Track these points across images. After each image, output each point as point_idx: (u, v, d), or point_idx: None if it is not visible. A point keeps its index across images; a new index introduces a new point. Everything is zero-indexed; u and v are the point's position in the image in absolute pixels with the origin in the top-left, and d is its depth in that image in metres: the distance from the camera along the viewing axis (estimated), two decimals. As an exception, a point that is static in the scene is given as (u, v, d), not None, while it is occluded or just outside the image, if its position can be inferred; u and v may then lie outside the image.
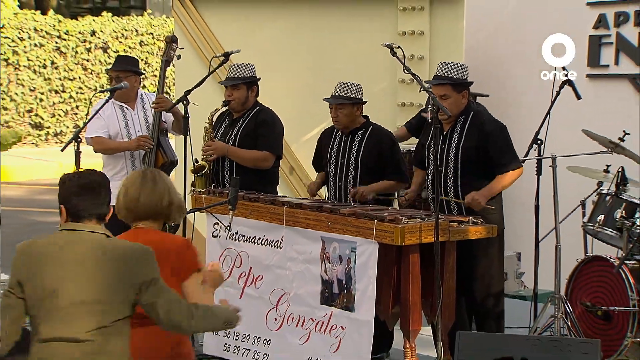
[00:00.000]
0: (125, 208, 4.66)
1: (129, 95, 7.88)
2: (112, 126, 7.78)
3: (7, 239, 4.25)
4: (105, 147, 7.79)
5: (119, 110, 7.84)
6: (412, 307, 6.14)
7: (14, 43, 21.97)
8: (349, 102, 6.94)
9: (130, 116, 7.86)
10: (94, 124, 7.80)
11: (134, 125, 7.84)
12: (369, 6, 9.33)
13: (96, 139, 7.78)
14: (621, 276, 6.76)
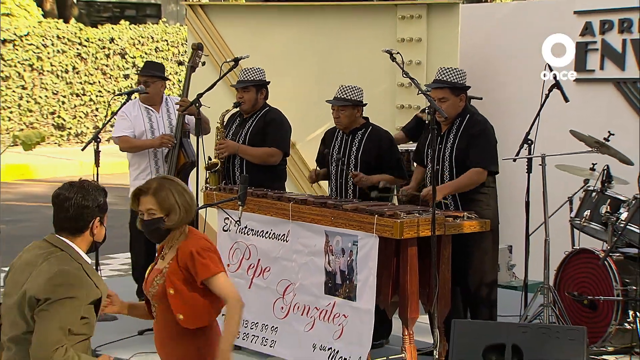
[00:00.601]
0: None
1: (155, 98, 7.94)
2: (138, 127, 7.82)
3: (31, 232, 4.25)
4: (130, 145, 7.83)
5: (145, 112, 7.88)
6: (410, 297, 6.14)
7: (38, 50, 22.00)
8: (349, 104, 6.96)
9: (155, 118, 7.88)
10: (120, 124, 7.84)
11: (158, 127, 7.87)
12: (370, 15, 9.35)
13: (122, 138, 7.82)
14: (606, 268, 6.77)
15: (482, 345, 5.50)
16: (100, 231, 4.24)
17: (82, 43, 22.63)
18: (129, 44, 23.34)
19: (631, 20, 8.44)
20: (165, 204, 4.33)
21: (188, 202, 4.39)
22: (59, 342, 3.98)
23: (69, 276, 4.04)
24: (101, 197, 4.22)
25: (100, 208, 4.21)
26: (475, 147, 6.49)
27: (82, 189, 4.19)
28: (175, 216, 4.34)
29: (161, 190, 4.36)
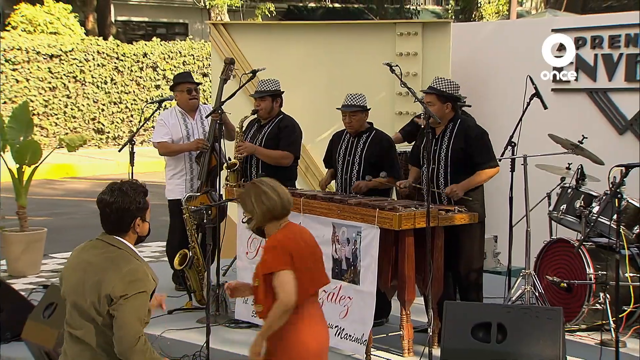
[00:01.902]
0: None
1: (192, 105, 7.87)
2: (175, 133, 7.79)
3: (74, 223, 4.23)
4: (169, 150, 7.79)
5: (182, 119, 7.84)
6: (407, 281, 6.15)
7: (81, 63, 22.06)
8: (359, 109, 6.93)
9: (190, 125, 7.85)
10: (159, 131, 7.82)
11: (193, 133, 7.82)
12: (372, 32, 9.37)
13: (161, 144, 7.78)
14: (580, 255, 6.75)
15: (471, 324, 5.50)
16: (143, 227, 4.24)
17: (119, 57, 22.70)
18: (159, 58, 23.38)
19: (602, 37, 8.45)
20: (247, 208, 4.39)
21: (266, 204, 4.34)
22: (139, 332, 4.01)
23: (138, 272, 4.07)
24: (140, 198, 4.19)
25: (139, 209, 4.18)
26: (477, 149, 6.47)
27: (121, 193, 4.16)
28: (254, 219, 4.37)
29: (243, 196, 4.43)
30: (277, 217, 4.39)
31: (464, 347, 5.43)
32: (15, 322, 6.94)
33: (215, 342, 6.20)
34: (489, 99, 8.86)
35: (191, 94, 7.86)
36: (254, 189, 4.41)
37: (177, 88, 7.90)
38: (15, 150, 9.77)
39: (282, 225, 4.42)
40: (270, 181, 4.50)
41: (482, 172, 6.45)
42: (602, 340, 6.34)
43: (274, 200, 4.37)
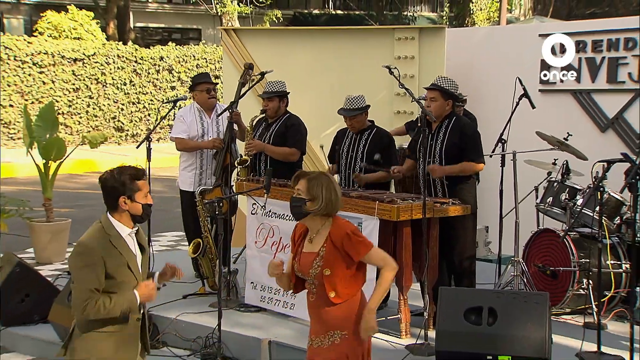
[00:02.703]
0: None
1: (210, 104, 7.85)
2: (192, 130, 7.75)
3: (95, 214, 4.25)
4: (186, 146, 7.76)
5: (199, 117, 7.79)
6: (405, 268, 6.14)
7: (102, 66, 22.08)
8: (359, 112, 6.93)
9: (206, 123, 7.81)
10: (178, 127, 7.79)
11: (208, 131, 7.79)
12: (373, 37, 9.32)
13: (179, 139, 7.76)
14: (565, 244, 6.74)
15: (464, 308, 5.48)
16: (132, 206, 4.14)
17: (137, 61, 22.71)
18: (175, 61, 23.39)
19: (585, 42, 8.43)
20: (312, 191, 4.28)
21: (332, 199, 4.30)
22: (85, 300, 3.97)
23: (80, 246, 4.05)
24: (125, 179, 4.13)
25: (124, 188, 4.11)
26: (469, 145, 6.46)
27: (110, 174, 4.16)
28: (315, 204, 4.28)
29: (315, 179, 4.32)
30: (329, 212, 4.33)
31: (458, 329, 5.42)
32: (42, 306, 6.96)
33: (226, 325, 6.19)
34: (481, 99, 8.84)
35: (210, 93, 7.84)
36: (327, 179, 4.36)
37: (197, 88, 7.87)
38: (42, 147, 9.79)
39: (329, 220, 4.35)
40: (335, 179, 4.51)
41: (468, 164, 6.43)
42: (585, 323, 6.33)
43: (337, 198, 4.34)
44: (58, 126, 10.52)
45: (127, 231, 4.16)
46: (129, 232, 4.17)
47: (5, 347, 7.07)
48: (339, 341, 4.30)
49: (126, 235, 4.15)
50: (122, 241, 4.11)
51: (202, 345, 6.30)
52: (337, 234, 4.26)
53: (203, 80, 7.89)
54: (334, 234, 4.27)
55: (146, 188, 4.20)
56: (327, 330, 4.33)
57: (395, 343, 6.10)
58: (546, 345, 5.28)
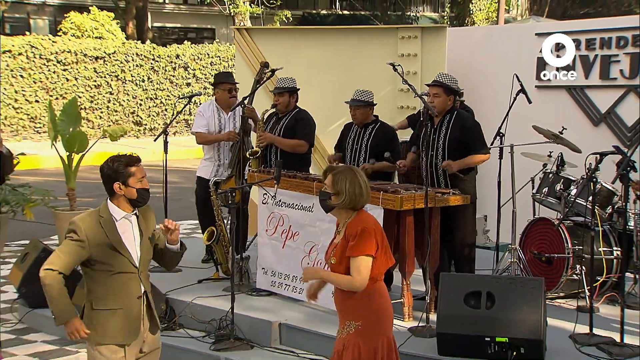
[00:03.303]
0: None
1: (232, 103, 7.85)
2: (211, 124, 7.78)
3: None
4: (205, 139, 7.80)
5: (217, 113, 7.81)
6: (408, 255, 6.13)
7: (122, 64, 22.11)
8: (363, 104, 6.91)
9: (224, 119, 7.82)
10: (198, 122, 7.84)
11: (224, 126, 7.80)
12: (377, 36, 9.32)
13: (198, 133, 7.80)
14: (559, 232, 6.73)
15: (464, 292, 5.48)
16: (127, 191, 4.18)
17: (154, 59, 22.72)
18: (190, 59, 23.39)
19: (579, 40, 8.39)
20: (337, 186, 4.22)
21: (356, 193, 4.22)
22: (49, 264, 4.14)
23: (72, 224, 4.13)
24: (118, 166, 4.19)
25: (117, 175, 4.17)
26: (472, 138, 6.41)
27: (106, 162, 4.25)
28: (339, 199, 4.22)
29: (340, 174, 4.25)
30: (354, 207, 4.26)
31: (458, 313, 5.42)
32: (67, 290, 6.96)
33: (239, 308, 6.20)
34: (479, 95, 8.81)
35: (231, 93, 7.85)
36: (351, 174, 4.27)
37: (220, 86, 7.87)
38: (66, 140, 9.81)
39: (354, 214, 4.28)
40: (364, 174, 4.37)
41: (475, 156, 6.40)
42: (578, 306, 6.31)
43: (361, 194, 4.25)
44: (80, 120, 10.56)
45: (122, 215, 4.20)
46: (124, 215, 4.20)
47: (32, 327, 7.11)
48: (353, 331, 4.23)
49: (121, 219, 4.19)
50: (111, 223, 4.16)
51: (216, 327, 6.30)
52: (352, 228, 4.20)
53: (226, 80, 7.91)
54: (350, 227, 4.22)
55: (140, 174, 4.22)
56: (345, 320, 4.29)
57: (398, 325, 6.07)
58: (541, 328, 5.28)
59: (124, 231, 4.19)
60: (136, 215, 4.26)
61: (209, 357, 6.00)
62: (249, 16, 27.59)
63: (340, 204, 4.25)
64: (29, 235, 9.59)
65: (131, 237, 4.21)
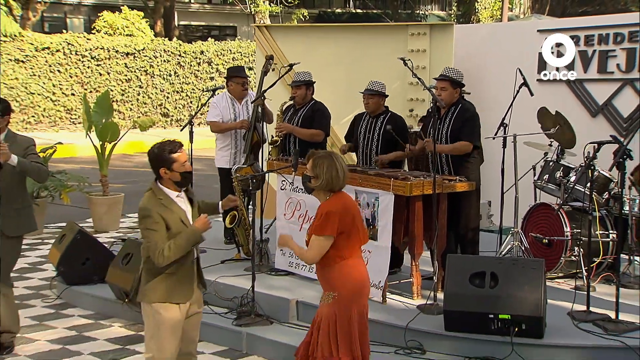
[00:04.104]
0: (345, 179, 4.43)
1: (243, 95, 7.85)
2: (225, 114, 7.80)
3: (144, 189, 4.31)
4: (219, 128, 7.82)
5: (231, 103, 7.84)
6: (417, 238, 6.13)
7: (151, 60, 22.13)
8: (375, 93, 6.89)
9: (237, 108, 7.84)
10: (212, 112, 7.86)
11: (238, 115, 7.82)
12: (389, 32, 9.24)
13: (213, 122, 7.84)
14: (559, 216, 6.70)
15: (469, 273, 5.47)
16: (172, 175, 4.31)
17: (181, 55, 22.72)
18: (214, 55, 23.38)
19: (579, 36, 8.31)
20: (315, 170, 4.33)
21: (332, 177, 4.31)
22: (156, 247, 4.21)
23: (141, 210, 4.27)
24: (162, 153, 4.31)
25: (162, 161, 4.30)
26: (466, 127, 6.41)
27: (152, 149, 4.37)
28: (317, 181, 4.32)
29: (318, 159, 4.35)
30: (332, 189, 4.36)
31: (463, 292, 5.41)
32: (101, 268, 7.03)
33: (259, 286, 6.20)
34: (484, 88, 8.74)
35: (243, 86, 7.87)
36: (329, 159, 4.35)
37: (232, 80, 7.89)
38: (99, 130, 9.84)
39: (332, 195, 4.37)
40: (342, 160, 4.42)
41: (460, 143, 6.40)
42: (576, 286, 6.31)
43: (337, 178, 4.33)
44: (112, 112, 10.58)
45: (175, 194, 4.36)
46: (177, 195, 4.37)
47: (69, 302, 7.16)
48: (331, 301, 4.33)
49: (175, 197, 4.36)
50: (171, 201, 4.32)
51: (238, 304, 6.32)
52: (321, 209, 4.30)
53: (239, 74, 7.93)
54: (320, 207, 4.32)
55: (183, 158, 4.34)
56: (325, 290, 4.40)
57: (408, 303, 6.09)
58: (541, 305, 5.27)
59: (183, 206, 4.38)
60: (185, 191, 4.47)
61: (231, 332, 6.02)
62: (269, 15, 27.55)
63: (318, 186, 4.34)
64: (66, 218, 9.65)
65: (187, 209, 4.41)
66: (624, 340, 5.26)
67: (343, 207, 4.33)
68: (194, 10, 34.75)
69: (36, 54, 20.49)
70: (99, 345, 6.09)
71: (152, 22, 27.13)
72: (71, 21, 31.92)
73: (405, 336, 5.50)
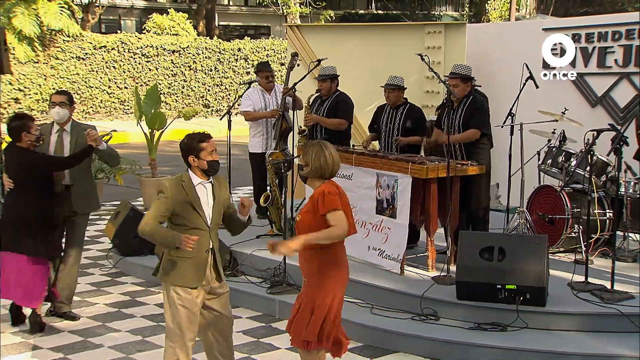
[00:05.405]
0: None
1: (270, 87, 7.84)
2: (257, 104, 7.79)
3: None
4: (251, 117, 7.81)
5: (261, 95, 7.83)
6: (432, 216, 6.10)
7: (194, 56, 22.15)
8: (395, 87, 6.84)
9: (267, 99, 7.84)
10: (245, 103, 7.86)
11: (268, 105, 7.82)
12: (407, 31, 9.17)
13: (246, 112, 7.82)
14: (561, 197, 6.63)
15: (479, 248, 5.44)
16: (199, 163, 4.20)
17: (220, 52, 22.73)
18: (250, 52, 23.36)
19: (580, 34, 8.20)
20: (306, 158, 4.09)
21: (321, 164, 4.02)
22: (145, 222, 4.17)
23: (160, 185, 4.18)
24: (192, 142, 4.21)
25: (191, 149, 4.20)
26: (475, 117, 6.35)
27: (183, 140, 4.26)
28: (307, 169, 4.08)
29: (308, 148, 4.12)
30: (322, 177, 4.09)
31: (474, 264, 5.38)
32: (150, 242, 7.06)
33: (290, 259, 6.19)
34: (494, 81, 8.63)
35: (267, 79, 7.87)
36: (317, 147, 4.12)
37: (259, 74, 7.93)
38: (148, 119, 9.89)
39: (323, 182, 4.09)
40: (332, 148, 4.14)
41: (469, 131, 6.34)
42: (576, 259, 6.26)
43: (326, 165, 4.07)
44: (160, 103, 10.62)
45: (198, 181, 4.23)
46: (199, 182, 4.23)
47: (123, 271, 7.24)
48: (306, 286, 4.12)
49: (197, 184, 4.22)
50: (191, 186, 4.19)
51: (271, 275, 6.34)
52: (318, 192, 4.01)
53: (263, 69, 7.96)
54: (316, 191, 4.03)
55: (210, 148, 4.21)
56: (304, 274, 4.15)
57: (423, 275, 6.08)
58: (544, 277, 5.25)
59: (201, 194, 4.22)
60: (211, 184, 4.28)
61: (265, 299, 6.05)
62: (299, 15, 27.46)
63: (308, 174, 4.09)
64: (120, 197, 9.74)
65: (205, 200, 4.24)
66: (618, 308, 5.23)
67: (337, 190, 4.06)
68: (233, 12, 34.76)
69: (94, 52, 20.63)
70: (149, 309, 6.16)
71: (195, 23, 27.16)
72: (125, 22, 32.10)
73: (421, 304, 5.48)
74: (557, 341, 5.02)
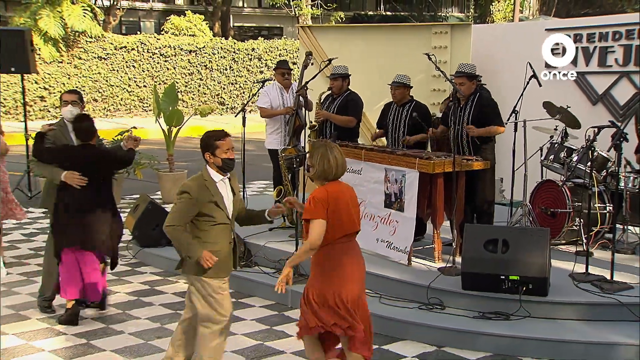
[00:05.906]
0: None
1: (286, 84, 7.83)
2: (274, 101, 7.73)
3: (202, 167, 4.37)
4: (268, 113, 7.75)
5: (279, 92, 7.78)
6: (438, 209, 6.08)
7: (210, 56, 22.18)
8: (402, 85, 6.82)
9: (285, 96, 7.79)
10: (262, 100, 7.80)
11: (286, 102, 7.78)
12: (414, 31, 9.11)
13: (262, 108, 7.78)
14: (563, 191, 6.59)
15: (483, 240, 5.43)
16: (215, 160, 4.18)
17: (235, 52, 22.74)
18: (263, 52, 23.35)
19: (581, 34, 8.18)
20: (312, 159, 4.03)
21: (324, 167, 3.96)
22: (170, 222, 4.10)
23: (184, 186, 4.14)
24: (209, 140, 4.19)
25: (207, 147, 4.19)
26: (492, 114, 6.29)
27: (203, 136, 4.24)
28: (313, 170, 4.03)
29: (314, 150, 4.06)
30: (327, 179, 3.99)
31: (478, 256, 5.37)
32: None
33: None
34: (499, 79, 8.59)
35: (283, 75, 7.82)
36: (323, 149, 4.03)
37: (277, 71, 7.88)
38: (166, 117, 9.91)
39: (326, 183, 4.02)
40: (338, 152, 4.03)
41: (493, 127, 6.29)
42: (577, 251, 6.20)
43: (330, 168, 4.00)
44: (177, 101, 10.64)
45: (219, 178, 4.22)
46: (220, 178, 4.22)
47: (143, 262, 7.27)
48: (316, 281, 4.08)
49: (218, 181, 4.21)
50: (214, 184, 4.19)
51: (283, 265, 6.32)
52: (311, 194, 3.94)
53: (281, 66, 7.91)
54: (312, 193, 3.97)
55: (226, 146, 4.19)
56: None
57: (430, 266, 6.07)
58: (546, 268, 5.24)
59: (222, 191, 4.23)
60: (229, 179, 4.30)
61: (278, 288, 6.05)
62: (310, 16, 27.42)
63: (313, 175, 4.02)
64: (139, 190, 9.78)
65: (226, 195, 4.25)
66: (617, 298, 5.22)
67: (330, 195, 3.91)
68: (247, 14, 34.75)
69: (115, 52, 20.69)
70: (167, 298, 6.18)
71: (211, 24, 27.17)
72: (144, 24, 32.16)
73: (428, 294, 5.48)
74: (558, 330, 5.01)
